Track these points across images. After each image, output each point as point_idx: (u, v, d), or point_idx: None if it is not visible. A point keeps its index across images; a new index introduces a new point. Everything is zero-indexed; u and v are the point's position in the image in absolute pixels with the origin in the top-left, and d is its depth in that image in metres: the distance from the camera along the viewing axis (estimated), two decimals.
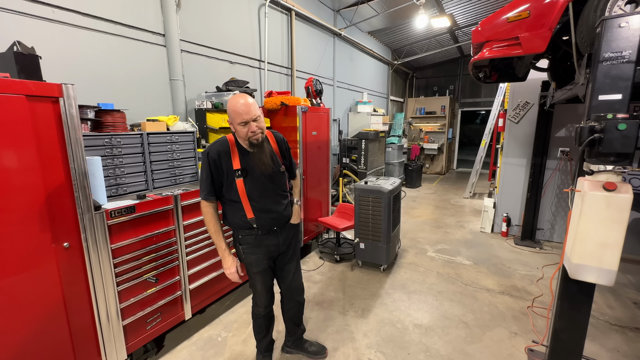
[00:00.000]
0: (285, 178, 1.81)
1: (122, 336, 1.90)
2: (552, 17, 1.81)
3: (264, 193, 1.67)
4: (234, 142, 1.65)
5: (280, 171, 1.74)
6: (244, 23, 3.83)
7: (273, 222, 1.73)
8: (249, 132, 1.54)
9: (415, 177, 7.59)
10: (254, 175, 1.64)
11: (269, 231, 1.73)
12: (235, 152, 1.63)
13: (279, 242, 1.79)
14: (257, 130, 1.55)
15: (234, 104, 1.53)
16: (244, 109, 1.51)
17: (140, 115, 2.70)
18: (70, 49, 2.29)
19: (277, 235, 1.78)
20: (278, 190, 1.74)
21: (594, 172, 1.40)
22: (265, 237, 1.74)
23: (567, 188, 2.16)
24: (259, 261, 1.77)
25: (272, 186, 1.70)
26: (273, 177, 1.70)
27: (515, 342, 2.28)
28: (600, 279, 1.39)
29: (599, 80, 1.39)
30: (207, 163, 1.60)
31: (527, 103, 4.10)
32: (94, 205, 1.70)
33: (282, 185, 1.77)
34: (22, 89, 1.40)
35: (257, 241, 1.74)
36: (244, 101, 1.52)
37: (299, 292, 2.01)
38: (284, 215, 1.78)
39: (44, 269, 1.53)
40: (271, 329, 2.04)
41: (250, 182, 1.63)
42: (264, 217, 1.69)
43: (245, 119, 1.51)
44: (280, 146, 1.79)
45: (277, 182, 1.73)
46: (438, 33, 7.40)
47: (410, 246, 4.06)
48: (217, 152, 1.61)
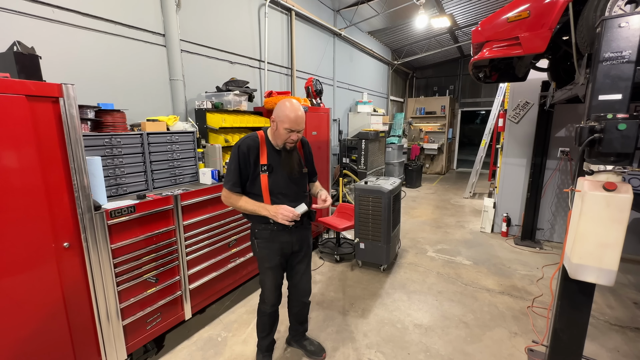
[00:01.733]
0: (306, 180, 1.90)
1: (122, 336, 1.90)
2: (552, 17, 1.81)
3: (285, 190, 1.74)
4: (264, 139, 1.73)
5: (303, 172, 1.84)
6: (244, 23, 3.83)
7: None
8: (289, 138, 1.66)
9: (415, 177, 7.59)
10: (279, 172, 1.72)
11: (285, 228, 1.77)
12: (264, 149, 1.71)
13: (292, 240, 1.83)
14: (296, 140, 1.69)
15: (291, 110, 1.62)
16: (298, 120, 1.63)
17: (140, 115, 2.70)
18: (70, 49, 2.29)
19: (292, 234, 1.82)
20: (298, 189, 1.81)
21: (594, 172, 1.40)
22: (280, 233, 1.79)
23: (567, 188, 2.16)
24: (271, 256, 1.82)
25: (293, 186, 1.78)
26: (295, 177, 1.78)
27: (515, 342, 2.28)
28: (600, 279, 1.39)
29: (599, 80, 1.39)
30: (237, 156, 1.67)
31: (527, 103, 4.10)
32: (94, 205, 1.70)
33: (303, 186, 1.86)
34: (22, 89, 1.40)
35: (271, 237, 1.79)
36: (301, 113, 1.64)
37: (305, 293, 2.04)
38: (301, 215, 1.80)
39: (44, 269, 1.53)
40: (274, 329, 2.06)
41: (274, 179, 1.71)
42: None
43: (293, 128, 1.63)
44: (305, 150, 1.91)
45: (298, 183, 1.81)
46: (438, 33, 7.39)
47: (410, 246, 4.06)
48: (247, 146, 1.68)
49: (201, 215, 2.37)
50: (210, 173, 2.58)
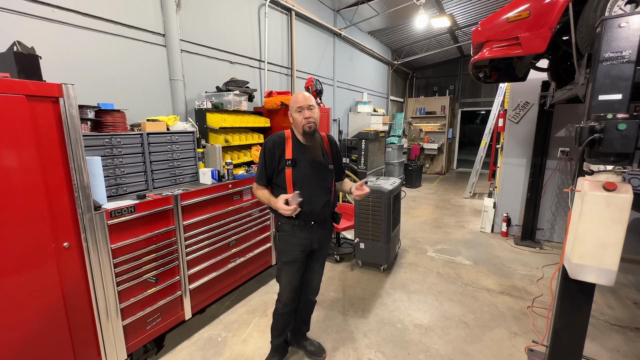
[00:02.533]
0: (332, 176, 1.88)
1: (122, 336, 1.90)
2: (552, 17, 1.81)
3: (308, 181, 1.76)
4: (290, 135, 1.82)
5: (328, 167, 1.85)
6: (244, 23, 3.83)
7: (310, 215, 1.78)
8: (303, 118, 1.72)
9: (415, 177, 7.59)
10: (303, 164, 1.77)
11: (306, 223, 1.80)
12: (289, 144, 1.79)
13: (312, 237, 1.83)
14: (311, 118, 1.73)
15: (294, 96, 1.78)
16: (302, 98, 1.74)
17: (140, 115, 2.70)
18: (70, 49, 2.29)
19: (312, 231, 1.83)
20: (322, 183, 1.81)
21: (594, 172, 1.40)
22: (300, 229, 1.81)
23: (567, 188, 2.16)
24: (289, 251, 1.83)
25: (317, 178, 1.79)
26: (320, 169, 1.80)
27: (515, 342, 2.28)
28: (600, 279, 1.39)
29: (599, 80, 1.39)
30: (264, 151, 1.79)
31: (527, 103, 4.10)
32: (94, 205, 1.70)
33: (327, 181, 1.85)
34: (22, 89, 1.40)
35: (292, 231, 1.81)
36: (303, 95, 1.76)
37: (313, 291, 2.04)
38: (323, 212, 1.82)
39: (44, 269, 1.53)
40: (285, 332, 2.04)
41: (297, 171, 1.76)
42: (303, 208, 1.72)
43: (301, 105, 1.71)
44: (332, 147, 1.93)
45: (322, 176, 1.82)
46: (438, 33, 7.39)
47: (410, 246, 4.06)
48: (272, 141, 1.78)
49: (201, 215, 2.37)
50: (210, 173, 2.58)
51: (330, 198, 1.85)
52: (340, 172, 2.00)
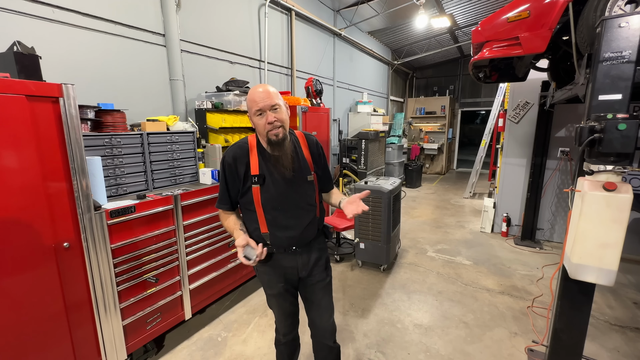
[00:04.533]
0: (313, 189, 1.48)
1: (122, 336, 1.90)
2: (552, 17, 1.81)
3: (281, 204, 1.39)
4: (255, 144, 1.41)
5: (307, 180, 1.44)
6: (244, 23, 3.83)
7: (289, 241, 1.43)
8: (266, 123, 1.29)
9: (415, 177, 7.59)
10: (273, 182, 1.37)
11: (286, 250, 1.45)
12: (254, 155, 1.39)
13: (297, 264, 1.48)
14: (276, 123, 1.30)
15: (251, 91, 1.32)
16: (261, 95, 1.29)
17: (140, 115, 2.70)
18: (70, 49, 2.29)
19: (296, 257, 1.47)
20: (300, 203, 1.43)
21: (594, 172, 1.40)
22: (281, 256, 1.46)
23: (567, 188, 2.16)
24: (272, 283, 1.51)
25: (293, 196, 1.40)
26: (296, 185, 1.40)
27: (515, 342, 2.28)
28: (600, 279, 1.39)
29: (599, 80, 1.39)
30: (223, 168, 1.41)
31: (527, 103, 4.10)
32: (94, 205, 1.70)
33: (308, 197, 1.45)
34: (22, 89, 1.40)
35: (271, 260, 1.46)
36: (262, 89, 1.31)
37: (327, 333, 1.61)
38: (305, 234, 1.45)
39: (44, 269, 1.53)
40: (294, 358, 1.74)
41: (267, 191, 1.37)
42: (279, 234, 1.41)
43: (260, 107, 1.28)
44: (312, 150, 1.50)
45: (300, 193, 1.42)
46: (438, 33, 7.39)
47: (410, 246, 4.06)
48: (232, 156, 1.39)
49: (201, 215, 2.37)
50: (210, 173, 2.58)
51: (313, 215, 1.47)
52: (326, 181, 1.57)
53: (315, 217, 1.49)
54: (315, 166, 1.49)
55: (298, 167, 1.41)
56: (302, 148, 1.47)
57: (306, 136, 1.51)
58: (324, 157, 1.55)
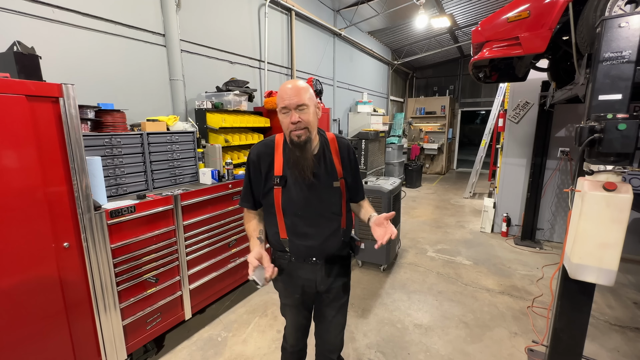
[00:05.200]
0: (340, 197, 1.36)
1: (122, 336, 1.90)
2: (552, 17, 1.81)
3: (301, 210, 1.30)
4: (282, 142, 1.33)
5: (333, 186, 1.33)
6: (244, 23, 3.83)
7: (308, 250, 1.34)
8: (289, 123, 1.21)
9: (415, 177, 7.59)
10: (295, 184, 1.29)
11: (305, 260, 1.36)
12: (279, 155, 1.31)
13: (316, 278, 1.38)
14: (300, 124, 1.20)
15: (282, 86, 1.23)
16: (289, 92, 1.19)
17: (140, 115, 2.70)
18: (70, 49, 2.29)
19: (315, 270, 1.37)
20: (323, 210, 1.33)
21: (594, 172, 1.40)
22: (300, 266, 1.37)
23: (567, 188, 2.16)
24: (287, 293, 1.45)
25: (315, 202, 1.31)
26: (319, 190, 1.31)
27: (515, 342, 2.28)
28: (600, 279, 1.39)
29: (599, 80, 1.39)
30: (247, 165, 1.37)
31: (527, 103, 4.10)
32: (94, 205, 1.70)
33: (332, 205, 1.35)
34: (22, 89, 1.40)
35: (289, 268, 1.38)
36: (292, 85, 1.21)
37: (332, 348, 1.55)
38: (326, 245, 1.34)
39: (44, 269, 1.53)
40: None
41: (288, 194, 1.29)
42: (298, 242, 1.32)
43: (285, 104, 1.19)
44: (343, 155, 1.39)
45: (324, 199, 1.32)
46: (438, 33, 7.39)
47: (410, 246, 4.06)
48: (257, 153, 1.33)
49: (201, 215, 2.37)
50: (210, 173, 2.58)
51: (337, 225, 1.36)
52: (356, 191, 1.45)
53: (339, 228, 1.37)
54: (345, 171, 1.38)
55: (323, 172, 1.31)
56: (331, 151, 1.36)
57: (338, 139, 1.41)
58: (356, 163, 1.45)
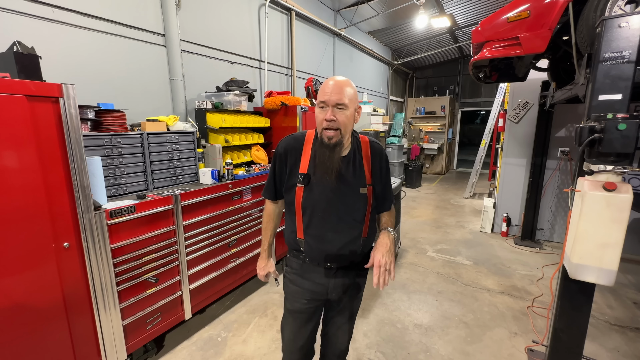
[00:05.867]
0: (365, 204, 1.28)
1: (122, 336, 1.90)
2: (552, 17, 1.81)
3: (323, 212, 1.25)
4: (312, 138, 1.28)
5: (359, 192, 1.26)
6: (244, 23, 3.83)
7: (323, 255, 1.28)
8: (323, 119, 1.16)
9: (415, 177, 7.59)
10: (318, 184, 1.24)
11: (319, 264, 1.31)
12: (307, 151, 1.26)
13: (329, 285, 1.32)
14: (334, 123, 1.15)
15: (326, 80, 1.20)
16: (331, 88, 1.15)
17: (140, 115, 2.70)
18: (70, 49, 2.29)
19: (329, 276, 1.31)
20: (344, 215, 1.26)
21: (594, 172, 1.40)
22: (313, 268, 1.32)
23: (567, 188, 2.16)
24: (296, 297, 1.37)
25: (339, 206, 1.25)
26: (343, 194, 1.24)
27: (515, 342, 2.28)
28: (600, 279, 1.39)
29: (599, 80, 1.39)
30: (274, 158, 1.33)
31: (527, 103, 4.10)
32: (94, 205, 1.70)
33: (355, 211, 1.28)
34: (22, 89, 1.40)
35: (301, 270, 1.34)
36: (334, 81, 1.17)
37: (338, 352, 1.55)
38: (343, 252, 1.27)
39: (44, 269, 1.53)
40: None
41: (310, 193, 1.25)
42: (314, 244, 1.28)
43: (325, 99, 1.15)
44: (374, 160, 1.31)
45: (348, 204, 1.26)
46: (438, 33, 7.39)
47: (410, 246, 4.06)
48: (285, 146, 1.30)
49: (201, 215, 2.37)
50: (210, 173, 2.58)
51: (358, 233, 1.29)
52: (384, 200, 1.36)
53: (359, 237, 1.30)
54: (374, 178, 1.30)
55: (351, 176, 1.25)
56: (362, 155, 1.29)
57: (371, 143, 1.33)
58: (387, 172, 1.37)
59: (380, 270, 1.12)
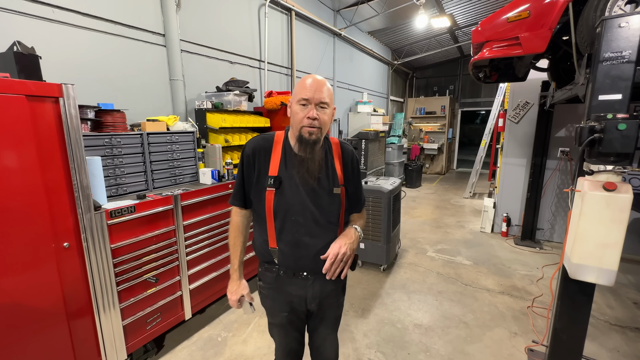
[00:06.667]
0: (338, 206, 1.26)
1: (122, 336, 1.90)
2: (552, 17, 1.81)
3: (295, 215, 1.19)
4: (282, 139, 1.25)
5: (333, 192, 1.23)
6: (243, 23, 3.83)
7: (299, 262, 1.23)
8: (305, 117, 1.12)
9: (415, 177, 7.59)
10: (290, 187, 1.18)
11: (295, 274, 1.25)
12: (277, 153, 1.22)
13: (306, 295, 1.27)
14: (316, 122, 1.12)
15: (303, 78, 1.17)
16: (315, 85, 1.12)
17: (140, 115, 2.70)
18: (70, 49, 2.29)
19: (306, 286, 1.26)
20: (319, 218, 1.21)
21: (594, 172, 1.40)
22: (288, 280, 1.26)
23: (567, 188, 2.16)
24: (274, 311, 1.33)
25: (312, 209, 1.19)
26: (317, 196, 1.20)
27: (515, 342, 2.28)
28: (600, 279, 1.39)
29: (599, 80, 1.39)
30: (241, 160, 1.26)
31: (527, 103, 4.10)
32: (94, 205, 1.70)
33: (329, 213, 1.23)
34: (22, 89, 1.40)
35: (276, 283, 1.28)
36: (316, 79, 1.15)
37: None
38: (320, 258, 1.19)
39: (43, 268, 1.53)
40: None
41: (282, 196, 1.18)
42: (289, 251, 1.21)
43: (308, 96, 1.11)
44: (346, 161, 1.30)
45: (322, 205, 1.21)
46: (438, 33, 7.39)
47: (410, 246, 4.06)
48: (253, 147, 1.23)
49: (201, 215, 2.37)
50: (210, 173, 2.58)
51: (333, 236, 1.24)
52: (357, 201, 1.34)
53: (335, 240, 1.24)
54: (346, 180, 1.28)
55: (324, 176, 1.22)
56: (333, 156, 1.27)
57: (342, 145, 1.31)
58: (359, 172, 1.35)
59: (336, 258, 1.12)
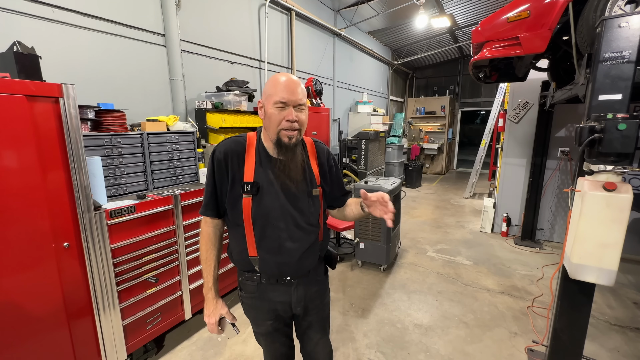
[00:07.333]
0: (318, 207, 1.22)
1: (122, 336, 1.90)
2: (552, 17, 1.81)
3: (275, 221, 1.14)
4: (255, 142, 1.17)
5: (312, 194, 1.19)
6: (244, 23, 3.83)
7: (282, 268, 1.18)
8: (284, 120, 1.06)
9: (415, 177, 7.59)
10: (269, 192, 1.13)
11: (278, 280, 1.21)
12: (251, 157, 1.14)
13: (290, 300, 1.23)
14: (296, 124, 1.07)
15: (275, 77, 1.08)
16: (290, 86, 1.05)
17: (140, 115, 2.70)
18: (70, 49, 2.29)
19: (290, 290, 1.22)
20: (300, 221, 1.16)
21: (594, 172, 1.40)
22: (271, 287, 1.21)
23: (567, 188, 2.16)
24: (259, 321, 1.30)
25: (292, 212, 1.15)
26: (296, 199, 1.16)
27: (515, 342, 2.28)
28: (600, 279, 1.39)
29: (599, 80, 1.39)
30: (211, 165, 1.16)
31: (527, 103, 4.10)
32: (94, 205, 1.70)
33: (310, 215, 1.19)
34: (22, 89, 1.40)
35: (259, 291, 1.23)
36: (291, 79, 1.08)
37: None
38: (303, 261, 1.19)
39: (44, 268, 1.53)
40: None
41: (260, 203, 1.12)
42: (270, 258, 1.16)
43: (285, 99, 1.05)
44: (322, 161, 1.25)
45: (302, 208, 1.17)
46: (438, 33, 7.39)
47: (410, 246, 4.06)
48: (225, 150, 1.13)
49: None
50: None
51: (315, 238, 1.21)
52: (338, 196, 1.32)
53: (316, 242, 1.22)
54: (323, 179, 1.25)
55: (302, 178, 1.18)
56: (309, 157, 1.23)
57: (316, 144, 1.27)
58: (337, 168, 1.31)
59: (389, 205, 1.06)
